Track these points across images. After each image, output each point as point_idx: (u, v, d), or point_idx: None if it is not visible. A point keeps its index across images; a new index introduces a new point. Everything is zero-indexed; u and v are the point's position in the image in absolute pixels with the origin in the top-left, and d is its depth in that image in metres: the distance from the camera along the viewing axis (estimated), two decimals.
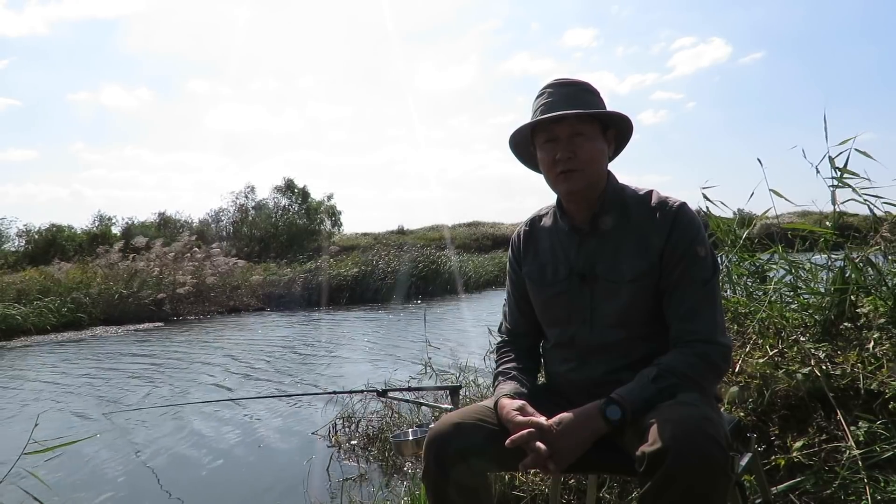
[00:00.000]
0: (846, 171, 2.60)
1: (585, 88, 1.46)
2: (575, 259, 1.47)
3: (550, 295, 1.51)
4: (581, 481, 2.25)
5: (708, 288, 1.37)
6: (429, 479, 1.36)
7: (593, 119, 1.43)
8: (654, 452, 1.12)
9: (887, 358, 2.10)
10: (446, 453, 1.33)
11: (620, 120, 1.46)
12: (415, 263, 15.57)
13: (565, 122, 1.41)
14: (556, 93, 1.45)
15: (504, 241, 24.83)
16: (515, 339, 1.63)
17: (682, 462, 1.10)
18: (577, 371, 1.48)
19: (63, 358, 8.22)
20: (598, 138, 1.43)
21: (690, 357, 1.33)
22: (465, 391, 3.79)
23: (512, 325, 1.64)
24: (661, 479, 1.11)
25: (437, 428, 1.39)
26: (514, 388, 1.45)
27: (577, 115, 1.40)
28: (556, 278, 1.50)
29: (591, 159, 1.42)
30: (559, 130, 1.42)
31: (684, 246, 1.38)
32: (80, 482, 3.52)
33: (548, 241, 1.55)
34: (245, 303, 13.79)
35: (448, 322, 10.11)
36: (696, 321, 1.35)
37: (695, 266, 1.37)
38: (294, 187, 27.94)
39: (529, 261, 1.58)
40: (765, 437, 2.10)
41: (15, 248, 23.98)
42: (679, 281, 1.38)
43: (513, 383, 1.48)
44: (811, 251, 2.86)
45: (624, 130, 1.50)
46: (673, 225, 1.39)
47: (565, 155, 1.41)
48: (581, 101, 1.43)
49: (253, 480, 3.49)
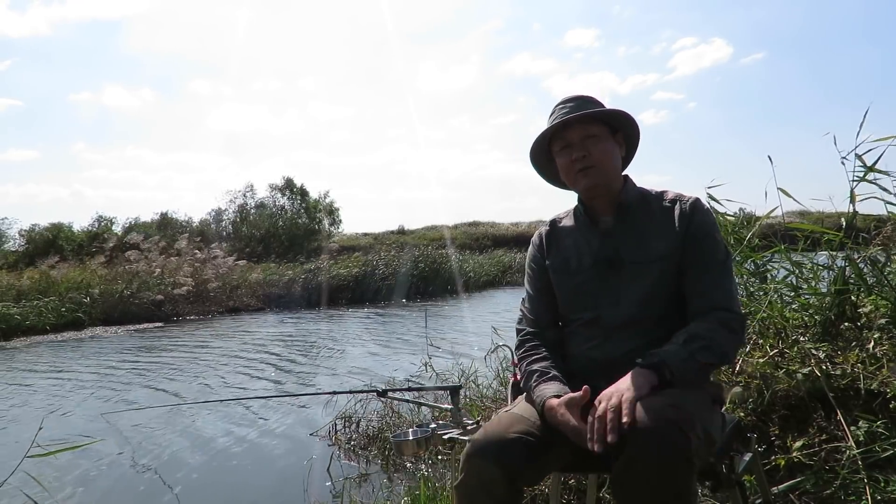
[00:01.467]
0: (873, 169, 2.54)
1: (590, 100, 1.60)
2: (599, 249, 1.56)
3: (576, 283, 1.58)
4: (581, 481, 2.25)
5: (724, 266, 1.50)
6: (466, 493, 1.34)
7: (602, 123, 1.56)
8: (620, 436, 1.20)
9: (887, 358, 2.10)
10: (490, 473, 1.31)
11: (624, 119, 1.58)
12: (415, 263, 15.58)
13: (577, 127, 1.55)
14: (565, 107, 1.59)
15: (504, 241, 24.86)
16: (542, 332, 1.64)
17: (640, 445, 1.17)
18: (599, 349, 1.52)
19: (63, 358, 8.22)
20: (608, 139, 1.57)
21: (713, 323, 1.42)
22: (466, 391, 3.79)
23: (535, 316, 1.66)
24: (625, 461, 1.18)
25: (479, 442, 1.36)
26: (559, 388, 1.45)
27: (586, 119, 1.54)
28: (580, 268, 1.58)
29: (604, 156, 1.54)
30: (571, 136, 1.56)
31: (703, 231, 1.51)
32: (80, 482, 3.51)
33: (570, 238, 1.64)
34: (245, 303, 13.80)
35: (448, 322, 10.11)
36: (714, 293, 1.47)
37: (711, 248, 1.50)
38: (293, 186, 27.94)
39: (553, 254, 1.65)
40: (765, 437, 2.10)
41: (15, 248, 24.00)
42: (698, 260, 1.49)
43: (556, 384, 1.47)
44: (813, 251, 2.85)
45: (631, 133, 1.62)
46: (692, 214, 1.52)
47: (580, 154, 1.54)
48: (587, 108, 1.57)
49: (253, 480, 3.49)
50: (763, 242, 2.99)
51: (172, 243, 15.64)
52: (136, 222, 25.61)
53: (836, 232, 2.62)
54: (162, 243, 15.25)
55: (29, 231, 24.20)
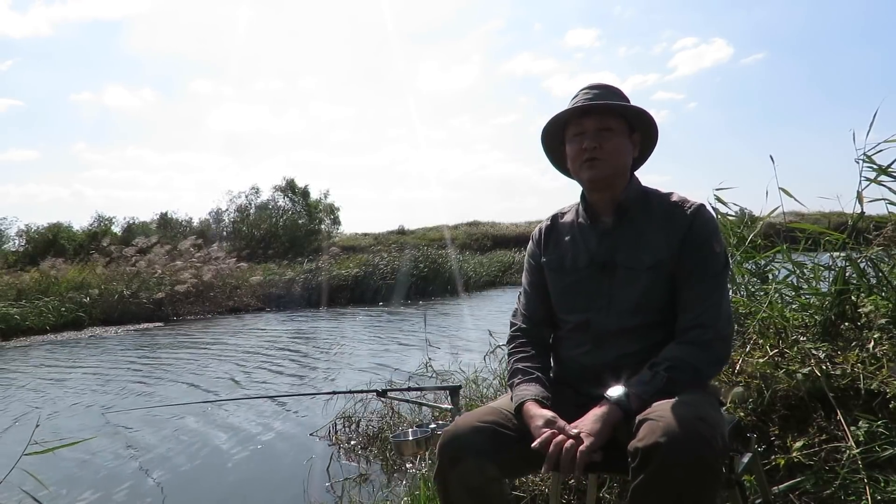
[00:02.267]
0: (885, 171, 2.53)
1: (616, 92, 1.55)
2: (596, 249, 1.53)
3: (569, 283, 1.56)
4: (581, 481, 2.24)
5: (717, 279, 1.45)
6: (441, 478, 1.36)
7: (621, 119, 1.51)
8: (646, 448, 1.15)
9: (887, 358, 2.10)
10: (461, 455, 1.33)
11: (646, 119, 1.53)
12: (415, 263, 15.57)
13: (594, 116, 1.50)
14: (590, 93, 1.54)
15: (504, 241, 24.83)
16: (532, 329, 1.64)
17: (673, 460, 1.13)
18: (590, 355, 1.50)
19: (62, 358, 8.22)
20: (623, 135, 1.52)
21: (689, 347, 1.40)
22: (465, 391, 3.79)
23: (529, 312, 1.65)
24: (651, 475, 1.14)
25: (452, 429, 1.38)
26: (538, 391, 1.45)
27: (605, 110, 1.49)
28: (575, 266, 1.55)
29: (615, 152, 1.50)
30: (588, 124, 1.50)
31: (701, 241, 1.46)
32: (80, 482, 3.52)
33: (569, 234, 1.61)
34: (245, 303, 13.79)
35: (448, 322, 10.10)
36: (700, 309, 1.42)
37: (708, 260, 1.45)
38: (295, 187, 27.93)
39: (550, 251, 1.63)
40: (765, 437, 2.10)
41: (15, 247, 23.99)
42: (691, 273, 1.45)
43: (536, 386, 1.47)
44: (814, 251, 2.85)
45: (648, 136, 1.57)
46: (693, 221, 1.47)
47: (591, 145, 1.49)
48: (610, 100, 1.51)
49: (253, 480, 3.49)
50: (765, 242, 2.99)
51: (174, 245, 15.61)
52: (134, 222, 25.61)
53: (840, 234, 2.62)
54: (167, 246, 15.21)
55: (27, 231, 24.19)
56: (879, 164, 2.53)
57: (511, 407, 1.45)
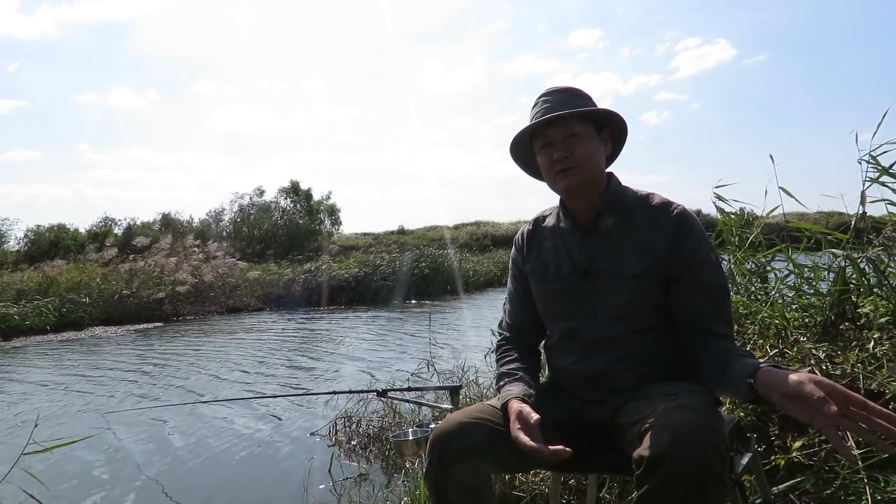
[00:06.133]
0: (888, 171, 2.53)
1: (575, 93, 1.51)
2: (578, 256, 1.50)
3: (553, 290, 1.53)
4: (581, 481, 2.25)
5: (725, 291, 1.44)
6: (431, 476, 1.36)
7: (587, 120, 1.47)
8: (652, 456, 1.13)
9: (887, 358, 2.10)
10: (450, 452, 1.34)
11: (612, 118, 1.49)
12: (415, 263, 15.57)
13: (560, 125, 1.46)
14: (549, 100, 1.50)
15: (504, 241, 24.83)
16: (518, 337, 1.64)
17: (680, 468, 1.10)
18: (580, 364, 1.50)
19: (62, 358, 8.22)
20: (592, 137, 1.47)
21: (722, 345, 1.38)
22: (466, 391, 3.79)
23: (514, 321, 1.65)
24: (658, 483, 1.11)
25: (441, 426, 1.39)
26: (522, 390, 1.45)
27: (570, 117, 1.44)
28: (558, 274, 1.53)
29: (587, 156, 1.45)
30: (554, 133, 1.47)
31: (700, 254, 1.42)
32: (79, 482, 3.52)
33: (551, 240, 1.58)
34: (245, 303, 13.78)
35: (448, 322, 10.10)
36: (721, 323, 1.41)
37: (711, 272, 1.43)
38: (299, 190, 27.96)
39: (533, 258, 1.60)
40: (765, 437, 2.10)
41: (16, 248, 24.01)
42: (699, 287, 1.42)
43: (521, 385, 1.47)
44: (815, 251, 2.85)
45: (618, 130, 1.53)
46: (678, 229, 1.43)
47: (562, 154, 1.45)
48: (571, 104, 1.47)
49: (253, 480, 3.49)
50: (765, 242, 2.99)
51: (176, 243, 15.61)
52: (135, 223, 25.60)
53: (842, 234, 2.62)
54: (168, 236, 15.20)
55: (32, 231, 24.26)
56: (883, 166, 2.53)
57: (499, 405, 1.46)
